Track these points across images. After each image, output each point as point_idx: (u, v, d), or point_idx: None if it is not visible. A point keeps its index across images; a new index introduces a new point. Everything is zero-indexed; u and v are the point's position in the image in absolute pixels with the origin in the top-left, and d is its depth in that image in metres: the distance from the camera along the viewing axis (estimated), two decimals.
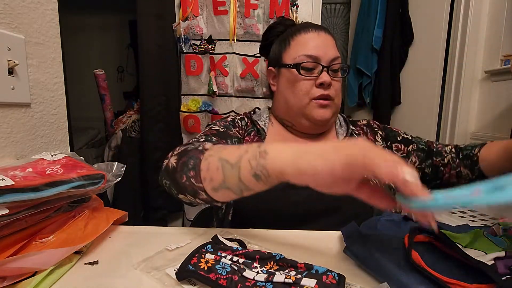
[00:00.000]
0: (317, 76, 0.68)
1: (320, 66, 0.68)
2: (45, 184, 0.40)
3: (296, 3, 1.59)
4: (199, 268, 0.36)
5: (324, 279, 0.33)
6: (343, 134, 0.77)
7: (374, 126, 0.78)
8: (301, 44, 0.71)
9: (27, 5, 0.59)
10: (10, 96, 0.54)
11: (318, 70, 0.69)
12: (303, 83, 0.69)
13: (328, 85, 0.68)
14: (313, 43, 0.70)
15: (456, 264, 0.34)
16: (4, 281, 0.34)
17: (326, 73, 0.68)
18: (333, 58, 0.69)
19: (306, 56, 0.69)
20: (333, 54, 0.70)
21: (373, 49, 2.17)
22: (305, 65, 0.69)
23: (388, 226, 0.44)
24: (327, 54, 0.69)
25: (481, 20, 1.60)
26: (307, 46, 0.70)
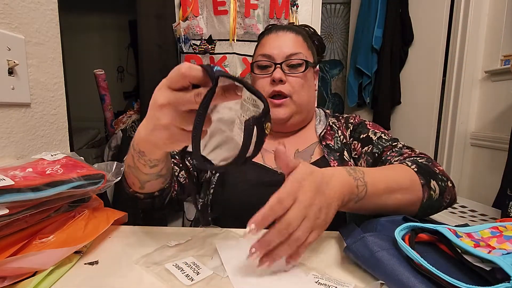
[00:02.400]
0: (271, 74, 0.71)
1: (273, 64, 0.71)
2: (45, 184, 0.40)
3: (296, 3, 1.59)
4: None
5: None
6: (321, 128, 0.77)
7: (350, 121, 0.77)
8: (261, 46, 0.75)
9: (27, 5, 0.59)
10: (10, 96, 0.54)
11: (272, 68, 0.71)
12: (260, 81, 0.72)
13: (280, 81, 0.69)
14: (270, 43, 0.73)
15: (457, 265, 0.34)
16: (4, 281, 0.34)
17: (279, 69, 0.70)
18: (289, 54, 0.70)
19: (261, 55, 0.72)
20: (290, 51, 0.71)
21: (373, 49, 2.17)
22: (258, 63, 0.72)
23: (388, 226, 0.44)
24: (282, 52, 0.70)
25: (481, 20, 1.60)
26: (264, 47, 0.74)
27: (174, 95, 0.34)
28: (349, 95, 2.41)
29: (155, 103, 0.36)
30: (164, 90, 0.35)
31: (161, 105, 0.35)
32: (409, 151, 0.61)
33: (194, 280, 0.36)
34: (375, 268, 0.36)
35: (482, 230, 0.38)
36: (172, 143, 0.38)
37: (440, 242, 0.37)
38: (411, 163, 0.53)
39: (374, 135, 0.69)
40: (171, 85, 0.35)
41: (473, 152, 1.66)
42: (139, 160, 0.46)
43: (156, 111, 0.36)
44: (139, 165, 0.47)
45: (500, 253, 0.32)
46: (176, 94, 0.34)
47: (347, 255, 0.41)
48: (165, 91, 0.35)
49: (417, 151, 0.61)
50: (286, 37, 0.74)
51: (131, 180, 0.52)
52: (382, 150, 0.65)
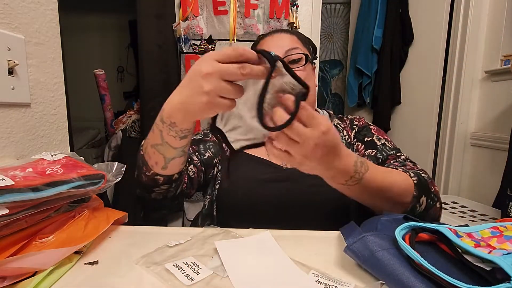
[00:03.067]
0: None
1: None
2: (45, 184, 0.40)
3: (296, 3, 1.59)
4: None
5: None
6: None
7: (355, 123, 0.78)
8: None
9: (27, 5, 0.59)
10: (10, 96, 0.54)
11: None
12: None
13: None
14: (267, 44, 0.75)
15: (457, 265, 0.34)
16: (4, 281, 0.34)
17: None
18: (288, 49, 0.71)
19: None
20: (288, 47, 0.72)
21: (373, 49, 2.17)
22: None
23: (388, 226, 0.44)
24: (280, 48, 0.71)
25: (481, 20, 1.60)
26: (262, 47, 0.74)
27: (221, 66, 0.39)
28: (349, 95, 2.41)
29: (199, 71, 0.40)
30: (211, 61, 0.40)
31: (206, 74, 0.39)
32: (412, 164, 0.64)
33: (194, 280, 0.36)
34: (375, 267, 0.36)
35: (482, 230, 0.38)
36: (210, 108, 0.42)
37: (441, 242, 0.37)
38: (414, 175, 0.56)
39: (379, 141, 0.71)
40: (220, 59, 0.39)
41: (473, 152, 1.66)
42: (169, 133, 0.48)
43: (199, 79, 0.40)
44: (169, 139, 0.49)
45: (500, 253, 0.32)
46: (223, 65, 0.39)
47: (347, 254, 0.41)
48: (212, 62, 0.39)
49: (419, 167, 0.63)
50: (282, 36, 0.76)
51: (155, 160, 0.53)
52: (386, 157, 0.67)
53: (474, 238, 0.37)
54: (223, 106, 0.41)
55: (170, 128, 0.47)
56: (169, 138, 0.49)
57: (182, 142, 0.50)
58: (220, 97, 0.41)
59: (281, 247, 0.44)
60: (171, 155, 0.52)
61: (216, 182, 0.72)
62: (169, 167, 0.55)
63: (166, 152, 0.52)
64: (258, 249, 0.44)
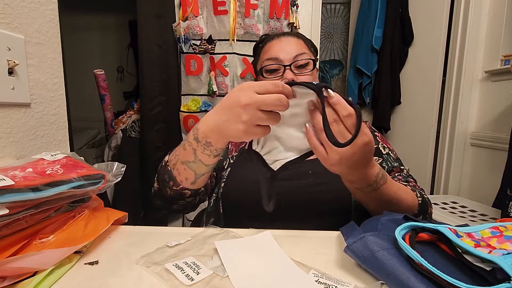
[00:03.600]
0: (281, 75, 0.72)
1: (282, 66, 0.72)
2: (45, 184, 0.40)
3: (296, 3, 1.59)
4: None
5: None
6: None
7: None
8: (265, 52, 0.77)
9: (27, 5, 0.59)
10: (10, 96, 0.54)
11: (281, 70, 0.73)
12: None
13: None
14: (274, 48, 0.75)
15: (457, 265, 0.34)
16: (4, 281, 0.34)
17: (289, 71, 0.71)
18: (296, 55, 0.72)
19: (268, 59, 0.74)
20: (296, 52, 0.72)
21: (373, 49, 2.17)
22: (267, 67, 0.74)
23: (388, 226, 0.44)
24: (288, 53, 0.72)
25: (481, 20, 1.60)
26: (269, 51, 0.76)
27: (258, 97, 0.41)
28: (349, 95, 2.41)
29: (238, 101, 0.42)
30: (250, 92, 0.42)
31: (245, 104, 0.41)
32: (413, 181, 0.69)
33: (194, 280, 0.36)
34: (376, 267, 0.36)
35: (482, 230, 0.38)
36: (246, 136, 0.44)
37: (441, 242, 0.37)
38: (419, 195, 0.60)
39: (384, 149, 0.74)
40: (259, 90, 0.42)
41: (473, 152, 1.67)
42: (203, 152, 0.50)
43: (238, 108, 0.42)
44: (203, 157, 0.51)
45: (500, 253, 0.32)
46: (260, 96, 0.41)
47: (347, 254, 0.41)
48: (251, 93, 0.42)
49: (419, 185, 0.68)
50: (289, 40, 0.76)
51: (185, 176, 0.55)
52: (392, 168, 0.71)
53: (474, 238, 0.36)
54: (259, 133, 0.44)
55: (205, 147, 0.49)
56: (203, 156, 0.51)
57: (215, 159, 0.52)
58: (257, 126, 0.43)
59: (281, 247, 0.44)
60: (202, 171, 0.54)
61: (222, 180, 0.73)
62: (198, 182, 0.57)
63: (197, 169, 0.54)
64: (258, 249, 0.44)
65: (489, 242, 0.35)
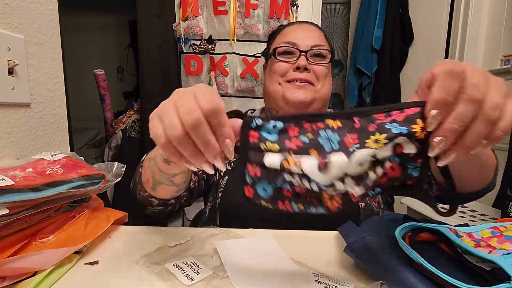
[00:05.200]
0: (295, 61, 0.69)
1: (298, 51, 0.69)
2: (45, 184, 0.40)
3: (296, 3, 1.59)
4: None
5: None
6: None
7: None
8: (283, 35, 0.73)
9: (27, 5, 0.59)
10: (10, 96, 0.54)
11: (296, 55, 0.69)
12: (279, 65, 0.70)
13: (305, 69, 0.68)
14: (294, 32, 0.72)
15: (457, 265, 0.34)
16: (4, 281, 0.34)
17: (304, 57, 0.68)
18: (314, 44, 0.69)
19: (284, 42, 0.71)
20: (314, 41, 0.70)
21: (373, 49, 2.17)
22: (281, 49, 0.70)
23: (388, 226, 0.44)
24: (306, 41, 0.69)
25: (481, 20, 1.60)
26: (288, 35, 0.72)
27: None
28: (349, 95, 2.41)
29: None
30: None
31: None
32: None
33: (194, 280, 0.36)
34: (375, 267, 0.36)
35: (482, 230, 0.38)
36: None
37: (441, 242, 0.37)
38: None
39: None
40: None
41: None
42: (156, 151, 0.45)
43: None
44: (156, 157, 0.46)
45: (500, 253, 0.32)
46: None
47: (347, 254, 0.41)
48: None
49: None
50: (311, 28, 0.73)
51: (146, 176, 0.51)
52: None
53: (474, 238, 0.37)
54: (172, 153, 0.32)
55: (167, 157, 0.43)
56: (155, 155, 0.45)
57: (165, 167, 0.44)
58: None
59: (281, 247, 0.44)
60: (157, 177, 0.48)
61: (219, 189, 0.67)
62: (159, 189, 0.51)
63: (154, 172, 0.48)
64: (258, 249, 0.44)
65: (489, 242, 0.35)
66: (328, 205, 0.32)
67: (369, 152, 0.28)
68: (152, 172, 0.48)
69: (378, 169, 0.30)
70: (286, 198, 0.32)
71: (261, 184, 0.32)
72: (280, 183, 0.31)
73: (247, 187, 0.33)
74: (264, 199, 0.32)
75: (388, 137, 0.28)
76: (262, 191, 0.32)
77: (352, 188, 0.30)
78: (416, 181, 0.30)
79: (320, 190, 0.30)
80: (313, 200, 0.32)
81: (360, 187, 0.30)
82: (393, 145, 0.29)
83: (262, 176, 0.32)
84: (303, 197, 0.32)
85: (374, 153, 0.28)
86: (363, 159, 0.29)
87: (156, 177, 0.48)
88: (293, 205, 0.33)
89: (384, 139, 0.28)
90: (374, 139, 0.28)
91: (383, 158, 0.29)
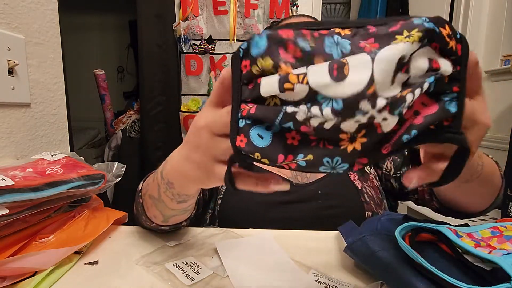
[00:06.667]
0: None
1: None
2: (45, 184, 0.40)
3: (296, 3, 1.59)
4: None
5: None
6: None
7: None
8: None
9: (27, 5, 0.59)
10: (10, 96, 0.54)
11: None
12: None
13: None
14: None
15: (457, 265, 0.34)
16: (4, 281, 0.34)
17: None
18: None
19: None
20: None
21: None
22: None
23: (388, 226, 0.43)
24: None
25: (481, 20, 1.60)
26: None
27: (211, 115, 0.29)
28: None
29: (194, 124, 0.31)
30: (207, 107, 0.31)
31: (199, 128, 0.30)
32: None
33: (194, 280, 0.36)
34: (375, 267, 0.36)
35: (482, 230, 0.38)
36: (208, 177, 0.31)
37: (441, 242, 0.37)
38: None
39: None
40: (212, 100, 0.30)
41: None
42: (165, 192, 0.38)
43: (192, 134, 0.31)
44: (165, 199, 0.39)
45: (500, 253, 0.32)
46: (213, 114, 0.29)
47: (347, 254, 0.41)
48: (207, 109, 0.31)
49: None
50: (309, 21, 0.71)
51: (153, 213, 0.44)
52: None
53: (474, 238, 0.36)
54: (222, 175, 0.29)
55: (167, 188, 0.37)
56: (165, 197, 0.39)
57: (181, 206, 0.41)
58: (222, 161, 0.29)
59: (281, 247, 0.44)
60: (169, 213, 0.43)
61: (218, 196, 0.65)
62: (171, 221, 0.45)
63: (163, 210, 0.42)
64: (258, 249, 0.44)
65: (489, 242, 0.35)
66: (349, 152, 0.22)
67: (400, 49, 0.20)
68: (161, 210, 0.43)
69: (416, 91, 0.21)
70: (289, 149, 0.24)
71: (256, 128, 0.24)
72: (282, 122, 0.23)
73: (240, 135, 0.25)
74: (259, 150, 0.24)
75: (422, 30, 0.20)
76: (257, 139, 0.24)
77: (382, 115, 0.20)
78: (453, 122, 0.22)
79: (336, 123, 0.21)
80: (327, 146, 0.23)
81: (393, 116, 0.21)
82: (428, 52, 0.21)
83: (258, 113, 0.23)
84: (313, 142, 0.23)
85: (406, 52, 0.20)
86: (392, 59, 0.20)
87: (167, 213, 0.43)
88: (298, 159, 0.24)
89: (417, 32, 0.20)
90: (405, 35, 0.20)
91: (417, 71, 0.21)
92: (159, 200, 0.40)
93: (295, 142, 0.24)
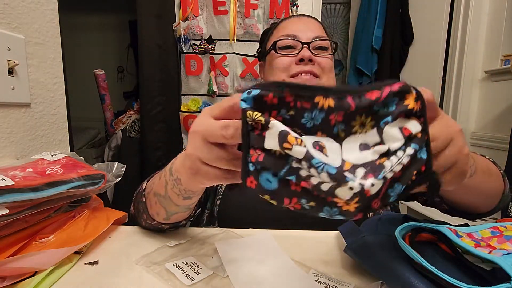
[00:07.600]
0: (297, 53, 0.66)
1: (300, 43, 0.65)
2: (45, 184, 0.40)
3: (296, 3, 1.59)
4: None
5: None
6: None
7: None
8: (281, 29, 0.70)
9: (27, 5, 0.59)
10: (10, 96, 0.54)
11: (298, 48, 0.66)
12: (281, 59, 0.67)
13: (310, 61, 0.65)
14: (293, 25, 0.69)
15: (457, 265, 0.34)
16: (4, 281, 0.34)
17: (306, 49, 0.65)
18: (315, 36, 0.66)
19: (284, 35, 0.67)
20: (315, 33, 0.67)
21: (373, 49, 2.17)
22: (282, 42, 0.67)
23: (388, 226, 0.43)
24: (307, 32, 0.66)
25: (481, 20, 1.60)
26: (287, 28, 0.69)
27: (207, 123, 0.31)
28: None
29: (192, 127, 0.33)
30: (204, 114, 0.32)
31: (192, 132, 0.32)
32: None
33: (194, 280, 0.36)
34: (375, 267, 0.36)
35: (482, 230, 0.38)
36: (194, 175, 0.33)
37: (441, 242, 0.37)
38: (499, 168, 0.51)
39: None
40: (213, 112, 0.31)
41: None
42: (172, 189, 0.40)
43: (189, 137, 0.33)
44: (172, 195, 0.41)
45: (500, 253, 0.32)
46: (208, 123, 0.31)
47: (347, 254, 0.41)
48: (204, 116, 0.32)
49: None
50: (310, 21, 0.70)
51: (155, 210, 0.46)
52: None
53: (474, 238, 0.36)
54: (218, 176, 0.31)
55: (174, 184, 0.39)
56: (172, 193, 0.41)
57: (186, 202, 0.42)
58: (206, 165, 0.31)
59: (281, 247, 0.44)
60: (173, 210, 0.45)
61: (217, 197, 0.65)
62: (172, 219, 0.47)
63: (168, 206, 0.44)
64: (258, 249, 0.44)
65: (489, 242, 0.35)
66: (344, 210, 0.25)
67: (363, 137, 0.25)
68: (165, 207, 0.45)
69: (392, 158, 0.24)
70: (294, 194, 0.26)
71: (265, 173, 0.26)
72: (286, 174, 0.25)
73: (250, 177, 0.27)
74: (268, 193, 0.27)
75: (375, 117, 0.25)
76: (266, 183, 0.26)
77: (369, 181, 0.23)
78: (427, 167, 0.26)
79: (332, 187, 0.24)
80: (327, 198, 0.25)
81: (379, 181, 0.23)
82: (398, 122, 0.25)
83: (265, 162, 0.26)
84: (315, 192, 0.25)
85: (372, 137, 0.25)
86: (357, 144, 0.25)
87: (172, 210, 0.44)
88: (303, 202, 0.26)
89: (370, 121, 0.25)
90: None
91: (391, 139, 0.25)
92: (165, 197, 0.42)
93: (298, 189, 0.26)
